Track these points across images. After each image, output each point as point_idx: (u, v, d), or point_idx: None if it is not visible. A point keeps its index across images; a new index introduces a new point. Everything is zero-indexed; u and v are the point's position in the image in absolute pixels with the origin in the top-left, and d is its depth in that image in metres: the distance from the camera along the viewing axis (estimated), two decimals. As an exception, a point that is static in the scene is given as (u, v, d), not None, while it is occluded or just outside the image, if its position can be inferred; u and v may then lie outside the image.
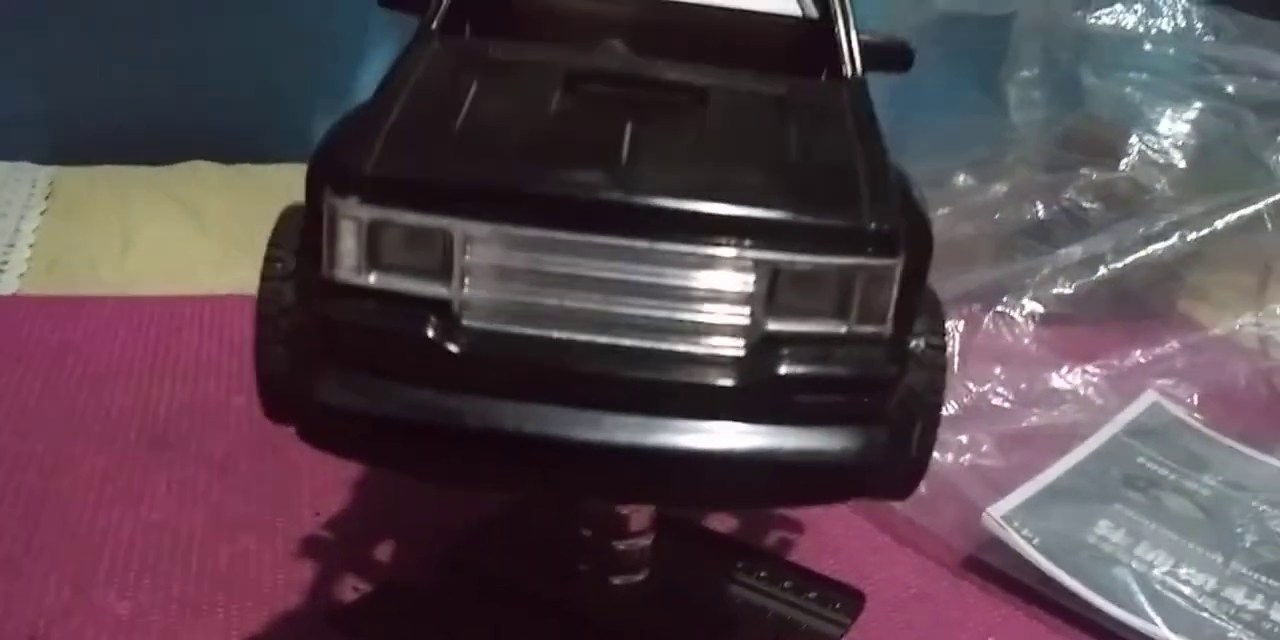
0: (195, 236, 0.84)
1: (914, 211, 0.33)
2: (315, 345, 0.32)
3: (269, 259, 0.34)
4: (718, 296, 0.31)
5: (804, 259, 0.31)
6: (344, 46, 1.02)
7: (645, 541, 0.43)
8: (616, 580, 0.43)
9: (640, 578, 0.44)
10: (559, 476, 0.31)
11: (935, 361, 0.35)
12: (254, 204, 0.87)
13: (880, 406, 0.32)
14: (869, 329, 0.31)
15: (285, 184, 0.92)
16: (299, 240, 0.34)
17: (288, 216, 0.35)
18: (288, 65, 1.00)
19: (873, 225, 0.31)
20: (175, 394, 0.64)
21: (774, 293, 0.31)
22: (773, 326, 0.31)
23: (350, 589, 0.49)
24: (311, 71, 1.02)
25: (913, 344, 0.34)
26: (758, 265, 0.30)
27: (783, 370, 0.31)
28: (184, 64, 0.97)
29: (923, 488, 0.37)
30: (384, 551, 0.52)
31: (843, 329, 0.31)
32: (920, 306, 0.34)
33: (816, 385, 0.31)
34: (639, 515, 0.42)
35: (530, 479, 0.32)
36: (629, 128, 0.32)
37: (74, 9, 0.94)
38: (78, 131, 0.94)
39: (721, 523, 0.55)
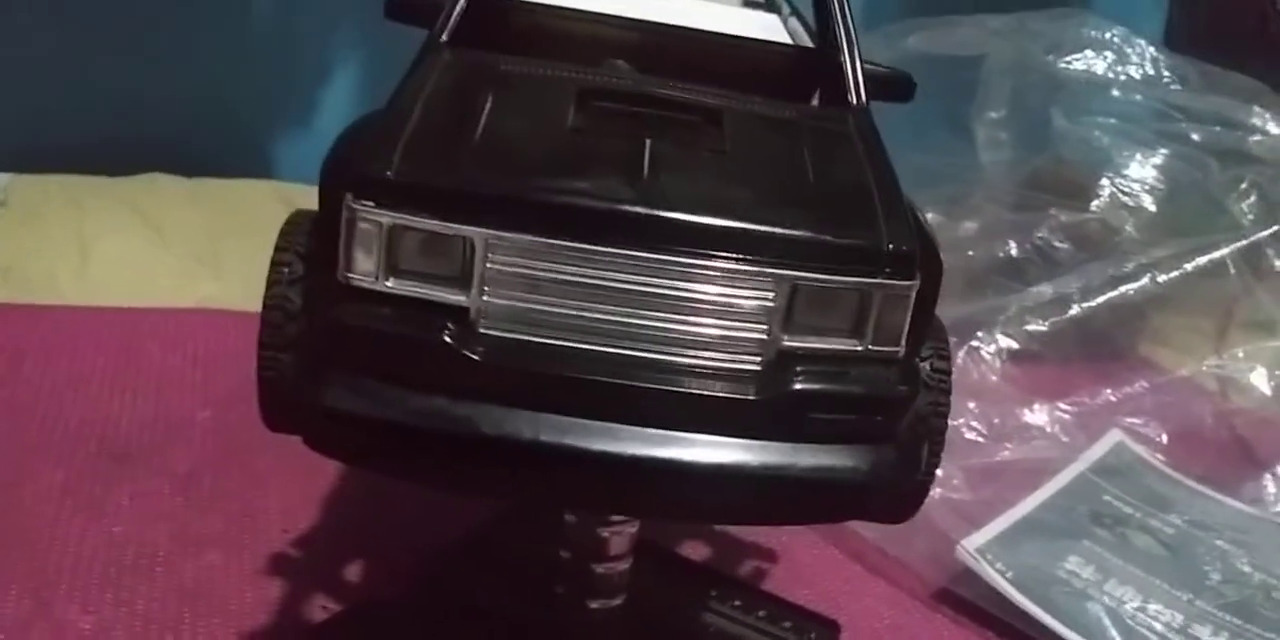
0: (155, 249, 0.83)
1: (925, 236, 0.34)
2: (323, 351, 0.31)
3: (275, 264, 0.33)
4: (736, 311, 0.31)
5: (823, 277, 0.31)
6: (307, 63, 1.02)
7: (624, 566, 0.43)
8: (594, 604, 0.43)
9: (617, 602, 0.43)
10: (571, 487, 0.31)
11: (940, 384, 0.35)
12: (214, 218, 0.87)
13: (892, 427, 0.32)
14: (884, 349, 0.32)
15: (245, 199, 0.92)
16: (307, 245, 0.33)
17: (294, 222, 0.35)
18: (249, 80, 1.00)
19: (891, 246, 0.31)
20: (137, 407, 0.62)
21: (792, 310, 0.31)
22: (789, 343, 0.31)
23: (320, 608, 0.48)
24: (273, 87, 1.02)
25: (920, 366, 0.34)
26: (777, 281, 0.30)
27: (798, 387, 0.31)
28: (144, 75, 0.96)
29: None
30: (354, 570, 0.51)
31: (858, 348, 0.31)
32: (928, 330, 0.35)
33: (831, 403, 0.31)
34: (619, 538, 0.42)
35: (542, 489, 0.32)
36: (648, 143, 0.32)
37: (31, 17, 0.93)
38: (32, 139, 0.92)
39: (695, 551, 0.55)
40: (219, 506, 0.54)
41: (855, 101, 0.39)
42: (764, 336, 0.31)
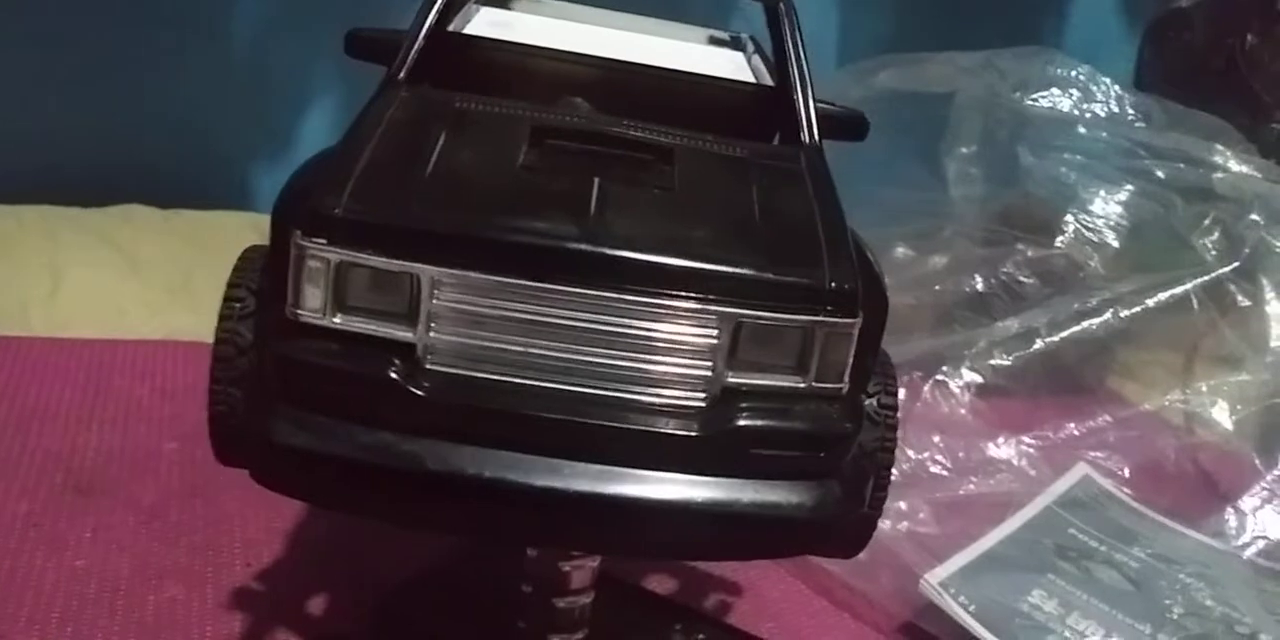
0: (127, 280, 0.83)
1: (870, 273, 0.34)
2: (272, 386, 0.31)
3: (228, 299, 0.34)
4: (680, 348, 0.31)
5: (766, 315, 0.31)
6: (285, 96, 1.02)
7: (586, 600, 0.43)
8: (555, 638, 0.43)
9: (579, 637, 0.43)
10: (516, 523, 0.31)
11: (887, 420, 0.35)
12: (188, 250, 0.87)
13: (836, 462, 0.33)
14: (827, 386, 0.32)
15: (221, 230, 0.92)
16: (259, 281, 0.34)
17: (248, 257, 0.35)
18: (227, 112, 1.00)
19: (833, 284, 0.31)
20: (103, 439, 0.62)
21: (735, 347, 0.31)
22: (733, 380, 0.31)
23: (281, 642, 0.48)
24: (251, 119, 1.02)
25: (866, 402, 0.35)
26: (721, 319, 0.31)
27: (742, 423, 0.31)
28: (120, 105, 0.97)
29: (861, 552, 0.37)
30: (316, 604, 0.51)
31: (802, 384, 0.32)
32: (874, 366, 0.35)
33: (774, 439, 0.31)
34: (580, 573, 0.42)
35: (489, 524, 0.32)
36: (596, 182, 0.32)
37: (5, 48, 0.93)
38: (6, 168, 0.92)
39: (660, 584, 0.55)
40: (182, 540, 0.54)
41: (807, 140, 0.39)
42: (708, 373, 0.31)
